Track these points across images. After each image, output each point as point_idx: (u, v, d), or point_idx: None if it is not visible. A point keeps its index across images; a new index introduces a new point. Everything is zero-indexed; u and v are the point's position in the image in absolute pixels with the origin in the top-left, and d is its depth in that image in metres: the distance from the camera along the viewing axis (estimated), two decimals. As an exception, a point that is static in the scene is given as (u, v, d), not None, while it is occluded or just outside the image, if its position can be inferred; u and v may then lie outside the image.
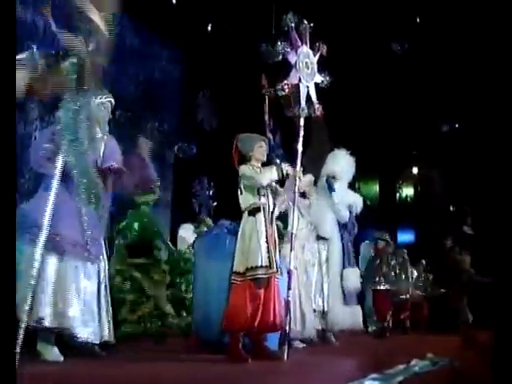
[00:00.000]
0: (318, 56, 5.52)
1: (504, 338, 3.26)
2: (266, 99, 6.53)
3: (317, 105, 5.42)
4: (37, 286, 3.97)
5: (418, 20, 12.62)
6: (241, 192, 5.25)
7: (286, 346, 4.88)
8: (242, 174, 5.24)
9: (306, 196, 7.18)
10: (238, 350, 4.90)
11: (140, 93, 11.73)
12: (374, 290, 9.58)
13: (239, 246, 5.10)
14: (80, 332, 4.47)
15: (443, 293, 11.84)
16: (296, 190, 5.32)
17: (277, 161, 11.13)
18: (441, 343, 8.00)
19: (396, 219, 16.78)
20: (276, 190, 5.34)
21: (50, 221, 3.77)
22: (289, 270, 5.17)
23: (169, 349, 6.03)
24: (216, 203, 13.19)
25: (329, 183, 7.42)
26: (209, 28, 12.74)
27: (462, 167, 14.59)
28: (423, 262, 12.26)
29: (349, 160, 7.80)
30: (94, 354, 4.73)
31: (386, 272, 9.64)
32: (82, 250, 4.58)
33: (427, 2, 12.01)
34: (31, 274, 3.67)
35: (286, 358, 4.83)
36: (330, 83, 5.57)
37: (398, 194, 17.80)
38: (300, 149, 5.29)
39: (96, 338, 4.61)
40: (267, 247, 5.02)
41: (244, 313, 4.88)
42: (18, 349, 3.25)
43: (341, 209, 7.51)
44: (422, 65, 13.32)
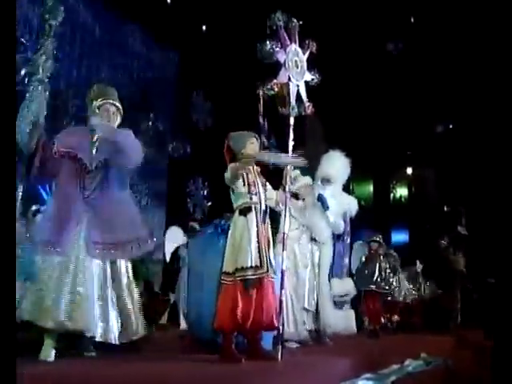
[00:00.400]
0: (307, 54, 5.51)
1: (502, 339, 3.28)
2: (261, 99, 6.51)
3: (307, 103, 5.41)
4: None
5: (412, 19, 12.64)
6: (232, 191, 5.24)
7: (280, 347, 4.87)
8: (228, 171, 5.25)
9: (298, 197, 7.14)
10: (231, 350, 4.89)
11: (134, 92, 11.73)
12: (365, 291, 9.57)
13: (229, 246, 5.09)
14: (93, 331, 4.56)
15: (437, 294, 11.84)
16: (287, 190, 5.30)
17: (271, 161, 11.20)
18: (435, 343, 8.02)
19: (390, 220, 16.81)
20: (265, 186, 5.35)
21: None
22: (282, 270, 5.16)
23: (163, 348, 6.01)
24: (210, 203, 13.21)
25: (322, 200, 7.34)
26: (203, 27, 12.72)
27: (457, 167, 14.63)
28: (417, 262, 12.24)
29: (344, 162, 7.74)
30: (86, 351, 4.73)
31: (378, 273, 9.64)
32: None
33: (422, 1, 12.03)
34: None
35: (279, 359, 4.82)
36: (320, 82, 5.56)
37: (392, 195, 17.84)
38: (290, 148, 5.28)
39: (102, 337, 4.63)
40: (258, 247, 5.00)
41: (234, 313, 4.87)
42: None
43: (336, 221, 7.50)
44: (416, 64, 13.35)
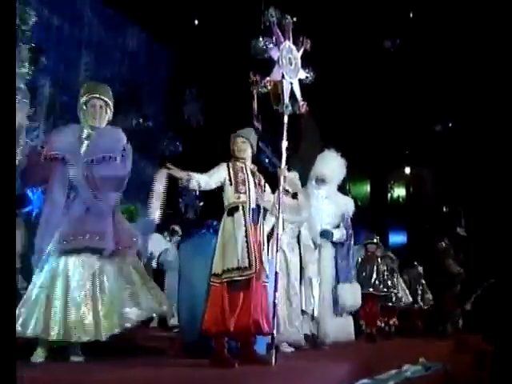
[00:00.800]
0: (301, 51, 5.48)
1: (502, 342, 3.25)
2: (255, 96, 6.48)
3: (301, 102, 5.38)
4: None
5: (410, 15, 12.61)
6: (223, 190, 5.26)
7: (274, 351, 4.83)
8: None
9: (293, 196, 7.11)
10: (224, 354, 4.86)
11: (125, 88, 11.67)
12: (362, 294, 9.52)
13: (218, 247, 5.09)
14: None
15: (436, 297, 11.79)
16: (281, 190, 5.28)
17: (266, 160, 11.18)
18: (434, 347, 7.99)
19: (387, 221, 16.79)
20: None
21: None
22: (275, 272, 5.12)
23: (152, 353, 5.96)
24: (203, 203, 13.17)
25: (325, 235, 7.41)
26: (196, 23, 12.68)
27: (456, 167, 14.61)
28: (415, 263, 12.19)
29: (339, 162, 7.75)
30: (73, 355, 4.68)
31: (375, 276, 9.59)
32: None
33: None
34: None
35: (273, 363, 4.77)
36: (315, 80, 5.54)
37: (389, 195, 17.81)
38: (284, 147, 5.25)
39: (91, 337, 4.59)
40: (247, 247, 4.99)
41: (221, 316, 4.85)
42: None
43: (339, 235, 7.56)
44: (414, 61, 13.31)
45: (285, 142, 5.25)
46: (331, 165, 7.66)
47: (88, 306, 4.59)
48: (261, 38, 5.06)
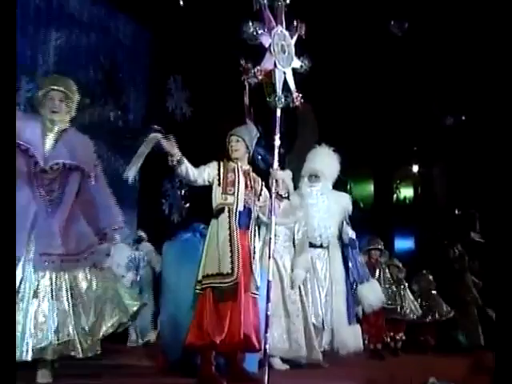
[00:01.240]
0: (295, 37, 5.47)
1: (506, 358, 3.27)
2: (247, 86, 6.47)
3: (295, 93, 5.38)
4: None
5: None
6: (211, 191, 5.30)
7: (266, 368, 4.82)
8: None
9: (285, 197, 7.13)
10: (211, 372, 4.87)
11: (101, 76, 11.62)
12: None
13: (203, 252, 5.13)
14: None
15: (449, 311, 11.75)
16: (273, 191, 5.29)
17: (259, 157, 11.18)
18: (446, 366, 7.99)
19: (393, 224, 16.79)
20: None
21: None
22: (268, 281, 5.12)
23: (131, 372, 5.96)
24: (189, 204, 13.15)
25: (352, 245, 7.67)
26: (181, 3, 12.61)
27: (470, 165, 14.60)
28: (424, 272, 12.16)
29: (332, 157, 7.86)
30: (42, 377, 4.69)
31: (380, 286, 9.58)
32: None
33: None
34: None
35: (266, 383, 4.77)
36: (311, 69, 5.53)
37: (395, 196, 17.82)
38: (277, 144, 5.25)
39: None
40: (230, 252, 5.03)
41: (205, 328, 4.86)
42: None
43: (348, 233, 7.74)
44: (423, 47, 13.27)
45: (278, 140, 5.24)
46: (324, 160, 7.79)
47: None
48: (250, 23, 5.05)
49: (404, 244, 16.51)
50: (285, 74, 5.33)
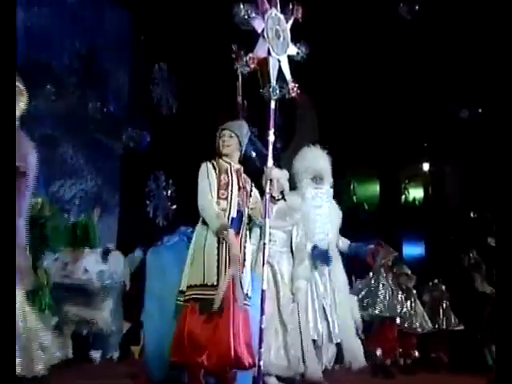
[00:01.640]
0: (291, 21, 5.48)
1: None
2: (240, 76, 6.48)
3: (291, 84, 5.39)
4: None
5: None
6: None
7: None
8: (200, 173, 5.37)
9: (284, 198, 7.15)
10: (199, 393, 4.87)
11: (77, 64, 11.61)
12: (376, 318, 9.51)
13: (188, 259, 5.16)
14: None
15: (463, 324, 11.73)
16: (267, 191, 5.30)
17: (253, 154, 11.18)
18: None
19: (401, 228, 16.78)
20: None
21: None
22: (262, 290, 5.13)
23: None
24: (176, 206, 13.16)
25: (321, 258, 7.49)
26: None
27: (486, 162, 14.58)
28: (436, 281, 12.15)
29: (327, 159, 7.91)
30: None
31: (388, 295, 9.58)
32: None
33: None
34: None
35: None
36: (308, 56, 5.54)
37: (403, 197, 17.80)
38: (271, 140, 5.26)
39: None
40: (217, 261, 5.04)
41: (188, 342, 4.88)
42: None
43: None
44: (435, 32, 13.25)
45: (272, 135, 5.26)
46: (326, 161, 7.87)
47: None
48: (241, 6, 5.05)
49: (413, 250, 16.47)
50: (279, 61, 5.33)
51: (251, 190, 5.57)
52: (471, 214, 15.36)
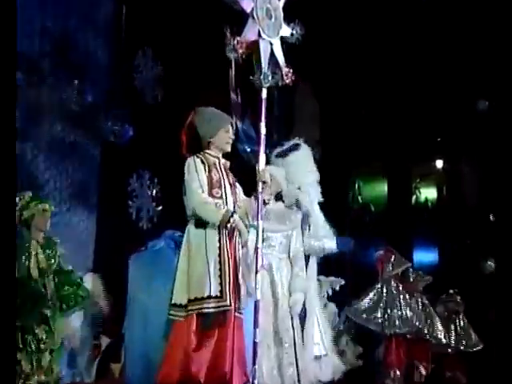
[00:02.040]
0: (284, -1, 5.47)
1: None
2: (233, 62, 6.47)
3: (285, 69, 5.37)
4: None
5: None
6: (184, 192, 5.24)
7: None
8: (186, 169, 5.30)
9: (281, 198, 7.14)
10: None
11: (49, 47, 11.56)
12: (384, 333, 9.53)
13: (181, 269, 5.10)
14: None
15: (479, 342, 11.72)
16: (259, 190, 5.28)
17: (246, 149, 11.16)
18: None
19: (412, 232, 16.78)
20: None
21: None
22: (255, 301, 5.13)
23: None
24: (161, 207, 13.14)
25: None
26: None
27: (505, 160, 14.60)
28: (451, 292, 12.14)
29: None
30: None
31: (399, 307, 9.59)
32: None
33: None
34: None
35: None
36: (304, 38, 5.52)
37: (414, 198, 17.80)
38: (263, 132, 5.24)
39: None
40: (220, 270, 5.02)
41: (185, 361, 4.86)
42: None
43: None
44: (451, 12, 13.23)
45: (263, 127, 5.23)
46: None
47: None
48: None
49: (425, 256, 16.46)
50: (271, 45, 5.30)
51: (235, 186, 5.56)
52: (490, 217, 15.37)
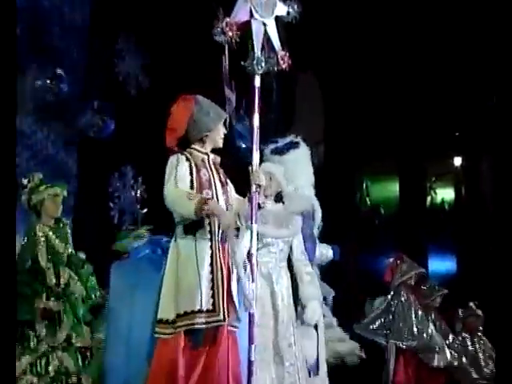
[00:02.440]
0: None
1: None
2: (226, 48, 6.47)
3: (281, 52, 5.36)
4: None
5: None
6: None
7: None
8: (167, 167, 5.33)
9: (281, 200, 7.13)
10: None
11: (20, 31, 11.55)
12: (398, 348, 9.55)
13: (167, 280, 5.10)
14: None
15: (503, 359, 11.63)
16: (253, 190, 5.27)
17: (242, 145, 11.17)
18: None
19: (426, 237, 16.79)
20: None
21: None
22: (249, 314, 5.12)
23: None
24: (146, 209, 13.16)
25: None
26: None
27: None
28: (471, 305, 12.08)
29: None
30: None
31: (412, 319, 9.60)
32: None
33: None
34: None
35: None
36: (302, 17, 5.50)
37: (429, 198, 17.82)
38: (256, 125, 5.23)
39: None
40: (212, 281, 5.01)
41: (173, 381, 4.86)
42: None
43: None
44: (471, 8, 13.26)
45: (257, 119, 5.22)
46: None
47: None
48: None
49: (441, 264, 16.49)
50: (265, 25, 5.28)
51: (227, 184, 5.56)
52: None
